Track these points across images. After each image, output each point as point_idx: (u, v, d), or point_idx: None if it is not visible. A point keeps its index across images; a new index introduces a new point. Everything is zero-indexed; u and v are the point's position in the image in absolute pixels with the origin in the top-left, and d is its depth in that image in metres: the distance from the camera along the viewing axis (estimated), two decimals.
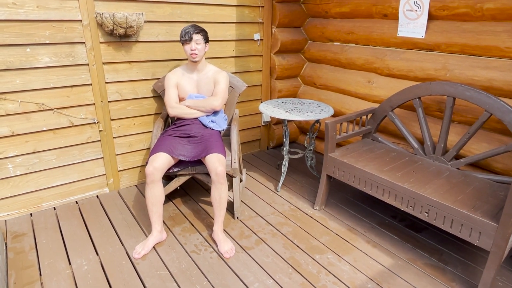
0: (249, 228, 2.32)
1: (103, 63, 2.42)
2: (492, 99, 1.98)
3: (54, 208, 2.50)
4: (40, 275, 1.88)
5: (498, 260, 1.68)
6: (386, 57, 2.68)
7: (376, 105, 2.81)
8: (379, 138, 2.64)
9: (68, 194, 2.56)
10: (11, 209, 2.37)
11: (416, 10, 2.35)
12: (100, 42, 2.37)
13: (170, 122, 2.65)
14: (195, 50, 2.22)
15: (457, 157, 2.36)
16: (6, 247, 2.09)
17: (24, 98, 2.22)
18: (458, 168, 2.22)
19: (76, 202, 2.58)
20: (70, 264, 1.96)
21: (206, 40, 2.28)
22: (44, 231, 2.24)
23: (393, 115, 2.50)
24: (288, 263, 2.01)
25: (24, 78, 2.19)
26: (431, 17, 2.32)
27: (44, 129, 2.34)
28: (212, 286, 1.83)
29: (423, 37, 2.38)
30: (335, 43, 3.10)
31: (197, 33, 2.22)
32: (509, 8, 1.95)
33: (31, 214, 2.42)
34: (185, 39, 2.22)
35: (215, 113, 2.37)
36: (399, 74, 2.62)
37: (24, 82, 2.19)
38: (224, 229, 2.28)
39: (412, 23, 2.41)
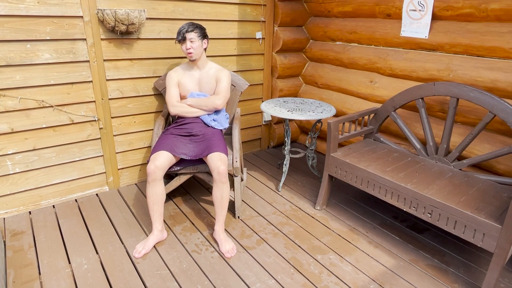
0: (250, 228, 2.30)
1: (104, 60, 2.40)
2: (496, 100, 1.97)
3: (53, 206, 2.48)
4: (39, 273, 1.86)
5: (501, 261, 1.67)
6: (388, 57, 2.67)
7: (378, 105, 2.80)
8: (381, 138, 2.63)
9: (67, 192, 2.54)
10: (10, 207, 2.35)
11: (419, 10, 2.34)
12: (101, 39, 2.35)
13: (171, 120, 2.63)
14: (190, 49, 2.21)
15: (460, 158, 2.35)
16: (5, 245, 2.07)
17: (24, 94, 2.20)
18: (460, 169, 2.21)
19: (76, 200, 2.56)
20: (69, 263, 1.94)
21: (203, 36, 2.26)
22: (43, 229, 2.22)
23: (396, 115, 2.49)
24: (289, 263, 2.00)
25: (24, 74, 2.16)
26: (434, 17, 2.31)
27: (44, 126, 2.32)
28: (214, 286, 1.81)
29: (427, 37, 2.37)
30: (337, 43, 3.09)
31: (191, 31, 2.19)
32: None
33: (30, 212, 2.39)
34: (179, 39, 2.21)
35: (217, 111, 2.35)
36: (401, 74, 2.61)
37: (24, 78, 2.17)
38: (225, 229, 2.26)
39: (416, 23, 2.40)
